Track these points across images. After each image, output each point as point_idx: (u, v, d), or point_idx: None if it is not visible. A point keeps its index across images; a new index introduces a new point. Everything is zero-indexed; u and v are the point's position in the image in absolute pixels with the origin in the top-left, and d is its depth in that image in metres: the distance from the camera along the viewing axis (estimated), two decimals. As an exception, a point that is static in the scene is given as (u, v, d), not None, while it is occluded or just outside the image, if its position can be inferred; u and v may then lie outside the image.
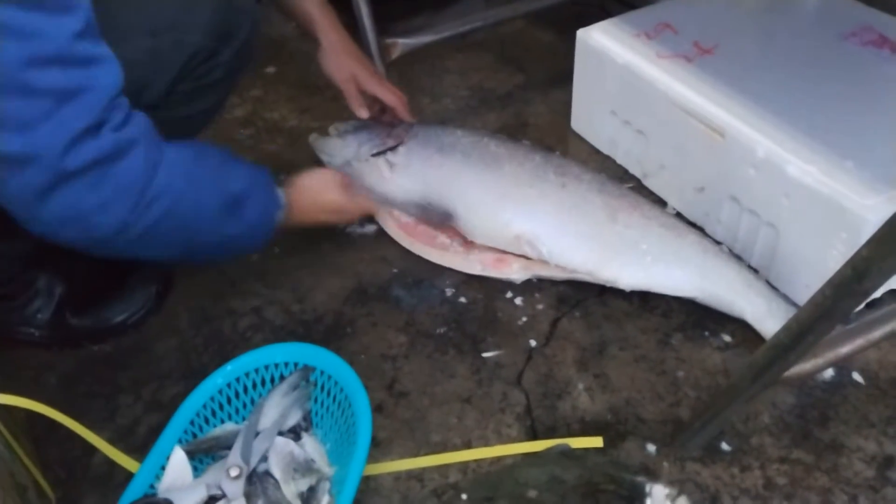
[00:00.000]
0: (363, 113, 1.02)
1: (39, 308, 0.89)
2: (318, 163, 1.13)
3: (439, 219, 0.98)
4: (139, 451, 0.80)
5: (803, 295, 0.88)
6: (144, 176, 0.66)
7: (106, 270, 0.93)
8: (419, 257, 1.00)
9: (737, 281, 0.90)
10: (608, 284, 0.93)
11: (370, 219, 1.06)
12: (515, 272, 0.96)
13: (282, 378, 0.79)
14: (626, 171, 1.13)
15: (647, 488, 0.63)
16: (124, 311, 0.91)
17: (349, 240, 1.04)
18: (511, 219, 0.95)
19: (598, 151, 1.18)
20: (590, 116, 1.18)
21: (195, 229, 0.72)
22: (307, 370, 0.78)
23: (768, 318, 0.87)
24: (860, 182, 0.81)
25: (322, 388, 0.78)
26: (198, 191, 0.71)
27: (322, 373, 0.78)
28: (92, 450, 0.81)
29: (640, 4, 1.19)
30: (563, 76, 1.22)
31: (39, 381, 0.88)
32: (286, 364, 0.79)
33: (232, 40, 0.81)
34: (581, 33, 1.12)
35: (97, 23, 0.62)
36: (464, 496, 0.71)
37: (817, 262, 0.85)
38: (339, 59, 1.00)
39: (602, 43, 1.08)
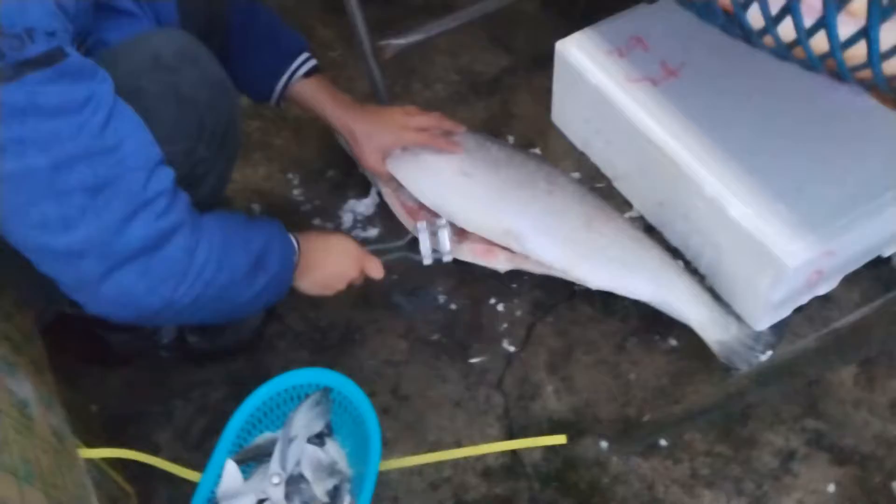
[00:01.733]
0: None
1: (165, 333, 1.03)
2: (336, 151, 1.24)
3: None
4: (195, 449, 1.00)
5: (742, 304, 1.06)
6: (187, 258, 0.74)
7: None
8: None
9: (686, 292, 1.06)
10: (578, 282, 1.08)
11: (371, 223, 1.20)
12: (501, 263, 1.11)
13: (306, 396, 0.97)
14: (598, 170, 1.26)
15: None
16: (235, 336, 1.06)
17: (354, 246, 1.19)
18: (504, 215, 1.08)
19: (575, 147, 1.30)
20: (567, 116, 1.30)
21: (231, 292, 0.81)
22: (326, 390, 0.97)
23: (709, 326, 1.04)
24: (787, 227, 0.96)
25: (339, 404, 0.97)
26: (230, 258, 0.79)
27: (339, 393, 0.96)
28: (157, 449, 1.01)
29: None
30: (545, 57, 1.27)
31: (105, 387, 1.06)
32: (309, 385, 0.97)
33: (206, 136, 0.82)
34: (559, 46, 1.21)
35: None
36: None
37: (750, 285, 1.02)
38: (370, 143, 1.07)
39: (577, 59, 1.18)
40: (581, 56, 1.18)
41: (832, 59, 0.60)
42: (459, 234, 1.13)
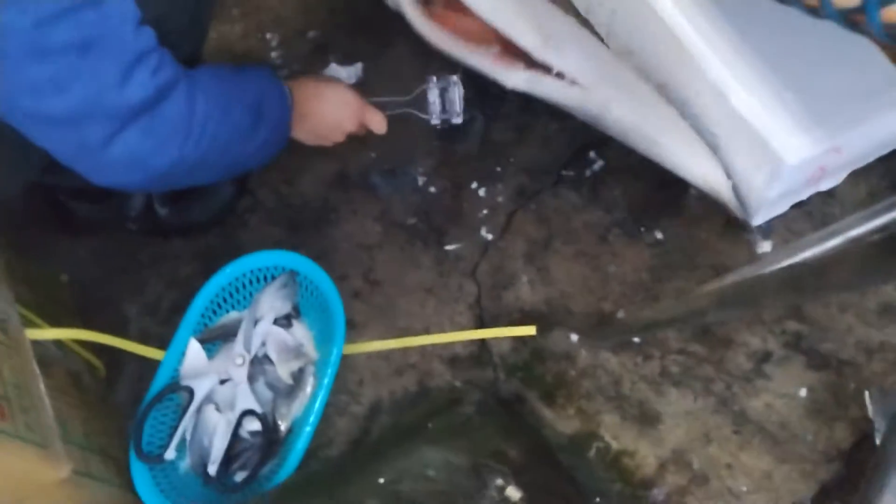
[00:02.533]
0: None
1: (133, 205, 1.00)
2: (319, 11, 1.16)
3: None
4: (165, 324, 1.00)
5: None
6: (188, 113, 0.70)
7: None
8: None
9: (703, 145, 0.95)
10: (595, 110, 0.97)
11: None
12: (516, 74, 0.98)
13: (273, 278, 0.95)
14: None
15: (500, 481, 0.76)
16: (205, 212, 1.03)
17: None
18: (541, 11, 0.99)
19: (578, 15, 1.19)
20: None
21: (236, 145, 0.78)
22: (293, 273, 0.94)
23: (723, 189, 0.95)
24: (790, 118, 0.87)
25: (306, 288, 0.95)
26: (230, 109, 0.76)
27: (305, 277, 0.94)
28: (126, 322, 1.01)
29: None
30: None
31: (74, 256, 1.05)
32: (276, 267, 0.95)
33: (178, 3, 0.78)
34: None
35: None
36: (381, 479, 0.77)
37: (748, 178, 0.95)
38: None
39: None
40: None
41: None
42: (472, 36, 1.01)
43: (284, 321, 0.95)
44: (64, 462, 0.68)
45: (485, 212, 1.05)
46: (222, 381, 0.90)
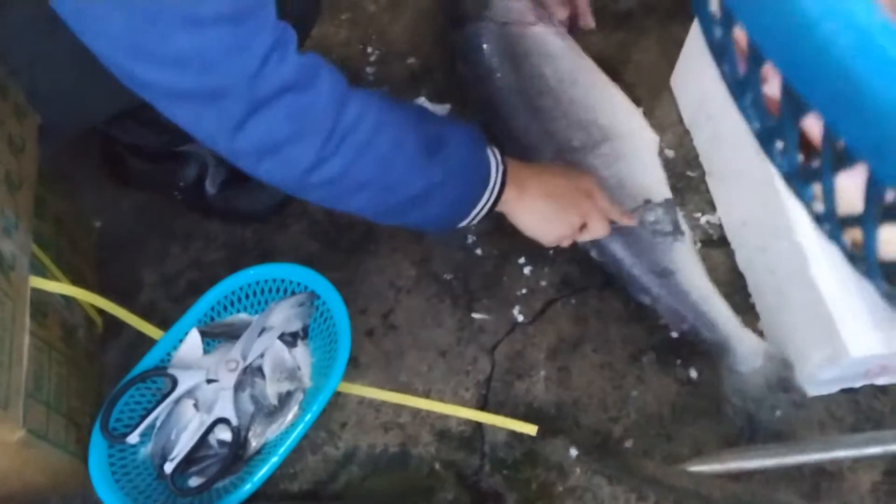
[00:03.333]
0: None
1: (186, 175, 0.98)
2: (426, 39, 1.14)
3: None
4: (174, 301, 0.98)
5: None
6: (334, 105, 0.65)
7: None
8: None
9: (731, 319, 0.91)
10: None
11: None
12: None
13: (293, 293, 0.92)
14: (696, 157, 1.11)
15: None
16: (253, 205, 1.01)
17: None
18: None
19: (682, 122, 1.14)
20: (686, 87, 1.13)
21: (395, 172, 0.70)
22: (313, 296, 0.91)
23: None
24: (866, 308, 0.82)
25: (321, 314, 0.92)
26: (392, 127, 0.69)
27: (323, 303, 0.91)
28: (140, 287, 0.99)
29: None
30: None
31: (115, 206, 1.04)
32: (298, 284, 0.92)
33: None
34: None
35: None
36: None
37: (802, 351, 0.88)
38: None
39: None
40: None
41: None
42: None
43: (290, 339, 0.92)
44: (19, 426, 0.65)
45: (523, 291, 1.00)
46: (209, 381, 0.87)
